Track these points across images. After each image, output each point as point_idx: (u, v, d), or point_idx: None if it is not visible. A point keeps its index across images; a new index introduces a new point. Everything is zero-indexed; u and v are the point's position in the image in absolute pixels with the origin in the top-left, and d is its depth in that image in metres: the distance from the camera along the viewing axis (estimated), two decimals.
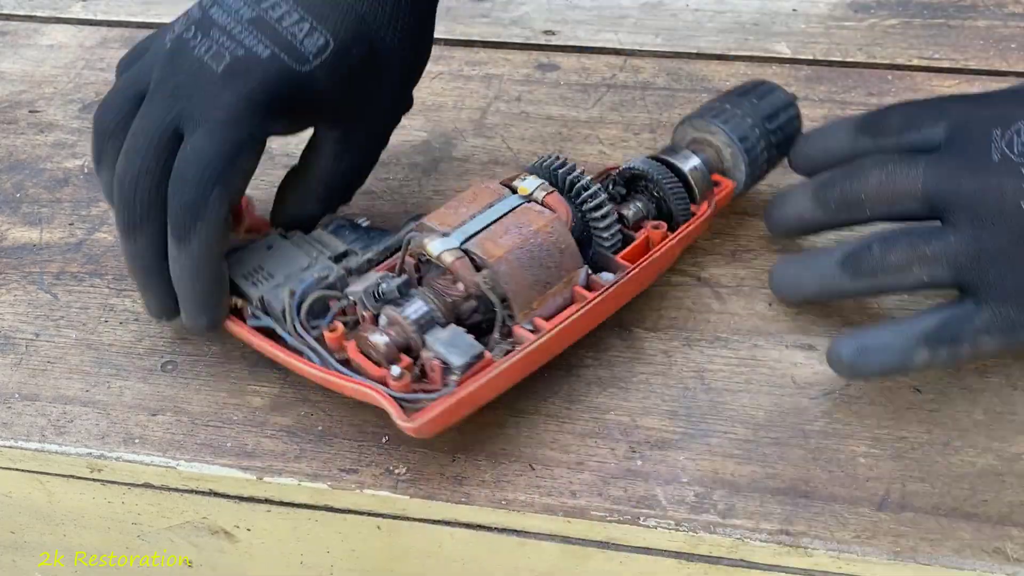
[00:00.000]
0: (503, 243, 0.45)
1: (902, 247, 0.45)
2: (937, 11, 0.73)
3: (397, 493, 0.44)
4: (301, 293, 0.46)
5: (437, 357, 0.43)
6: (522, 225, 0.46)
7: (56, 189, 0.61)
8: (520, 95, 0.67)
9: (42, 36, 0.75)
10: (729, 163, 0.53)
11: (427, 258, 0.46)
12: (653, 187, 0.51)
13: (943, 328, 0.43)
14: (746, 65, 0.69)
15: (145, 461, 0.46)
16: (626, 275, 0.47)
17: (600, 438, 0.46)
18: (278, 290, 0.46)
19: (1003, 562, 0.41)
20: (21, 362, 0.50)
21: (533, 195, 0.47)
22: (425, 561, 0.47)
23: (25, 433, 0.47)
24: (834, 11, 0.74)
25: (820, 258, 0.48)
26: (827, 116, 0.64)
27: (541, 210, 0.47)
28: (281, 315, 0.46)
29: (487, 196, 0.48)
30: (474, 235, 0.45)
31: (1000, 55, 0.69)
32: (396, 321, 0.44)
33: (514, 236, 0.45)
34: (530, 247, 0.45)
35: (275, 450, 0.46)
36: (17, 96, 0.69)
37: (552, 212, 0.47)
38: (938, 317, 0.44)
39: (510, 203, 0.47)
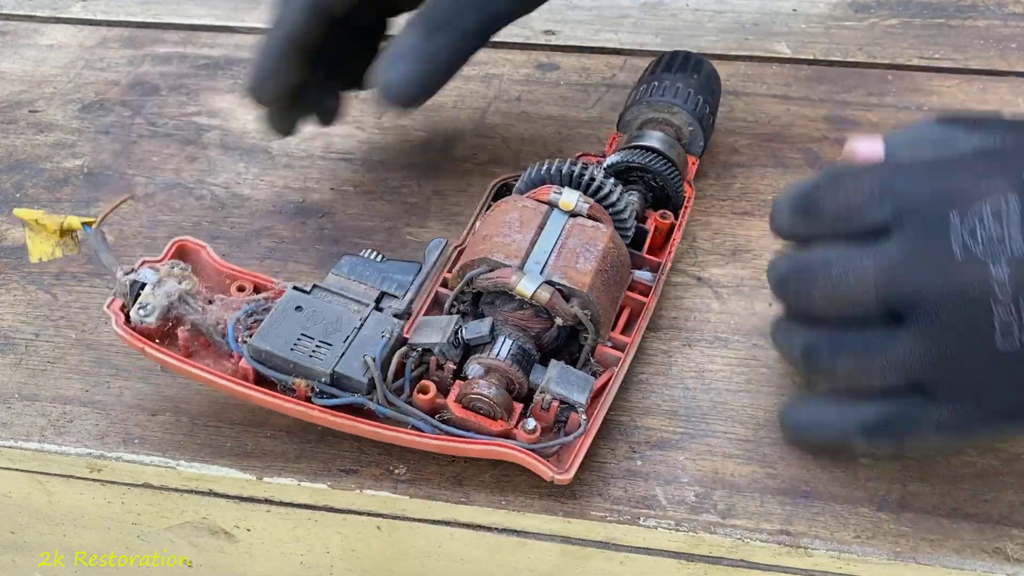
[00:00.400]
0: (583, 268, 0.44)
1: (854, 358, 0.40)
2: (937, 11, 0.73)
3: (397, 493, 0.44)
4: (381, 357, 0.43)
5: (556, 398, 0.43)
6: (588, 245, 0.45)
7: (56, 189, 0.61)
8: (520, 95, 0.67)
9: (42, 36, 0.75)
10: (688, 140, 0.55)
11: (493, 291, 0.44)
12: (651, 177, 0.52)
13: (886, 424, 0.40)
14: (746, 65, 0.69)
15: (145, 461, 0.46)
16: (666, 269, 0.50)
17: (600, 438, 0.45)
18: (349, 360, 0.43)
19: (1003, 562, 0.41)
20: (21, 362, 0.50)
21: (577, 209, 0.47)
22: (425, 561, 0.47)
23: (25, 433, 0.47)
24: (834, 11, 0.74)
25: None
26: (827, 116, 0.64)
27: (596, 225, 0.46)
28: (367, 386, 0.42)
29: (533, 217, 0.46)
30: (546, 263, 0.44)
31: (1000, 55, 0.69)
32: (496, 368, 0.43)
33: (589, 259, 0.45)
34: (607, 268, 0.45)
35: (275, 450, 0.46)
36: (17, 96, 0.69)
37: (604, 225, 0.47)
38: (882, 410, 0.40)
39: (560, 222, 0.46)
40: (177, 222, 0.58)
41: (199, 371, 0.43)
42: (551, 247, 0.45)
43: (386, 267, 0.47)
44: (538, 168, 0.49)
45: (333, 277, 0.46)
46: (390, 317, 0.45)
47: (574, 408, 0.43)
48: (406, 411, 0.43)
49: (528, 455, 0.41)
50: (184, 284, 0.44)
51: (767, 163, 0.60)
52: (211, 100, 0.67)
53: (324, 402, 0.42)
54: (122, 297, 0.44)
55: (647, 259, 0.50)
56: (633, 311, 0.48)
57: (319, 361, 0.42)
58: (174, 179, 0.61)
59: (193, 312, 0.44)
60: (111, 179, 0.61)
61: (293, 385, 0.43)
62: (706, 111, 0.56)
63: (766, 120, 0.64)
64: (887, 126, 0.63)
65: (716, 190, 0.59)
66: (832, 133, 0.62)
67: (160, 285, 0.44)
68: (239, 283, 0.46)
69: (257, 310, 0.44)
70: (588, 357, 0.45)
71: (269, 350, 0.43)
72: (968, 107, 0.64)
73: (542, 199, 0.47)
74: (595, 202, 0.47)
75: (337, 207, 0.59)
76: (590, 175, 0.48)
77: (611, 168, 0.52)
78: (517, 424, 0.42)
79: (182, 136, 0.65)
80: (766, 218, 0.56)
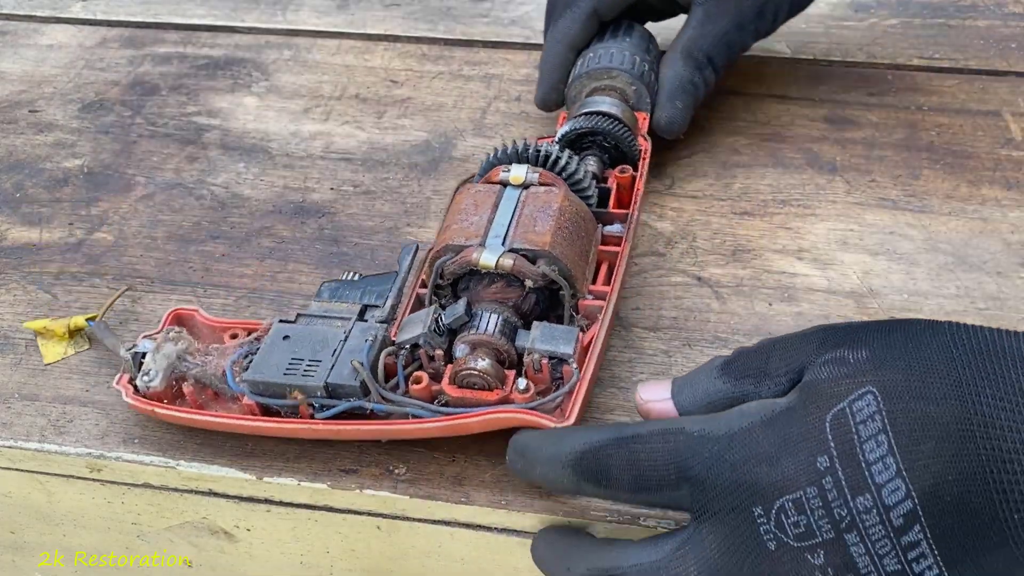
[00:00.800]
0: (542, 229, 0.45)
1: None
2: (937, 11, 0.73)
3: (397, 493, 0.44)
4: (369, 360, 0.44)
5: (544, 355, 0.43)
6: (544, 208, 0.46)
7: (56, 189, 0.61)
8: (520, 95, 0.67)
9: (42, 36, 0.75)
10: (634, 99, 0.58)
11: (465, 274, 0.45)
12: (603, 138, 0.54)
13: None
14: (746, 64, 0.69)
15: (145, 461, 0.46)
16: (634, 220, 0.51)
17: None
18: (339, 369, 0.44)
19: None
20: (21, 362, 0.50)
21: (527, 180, 0.48)
22: (425, 561, 0.47)
23: (25, 433, 0.47)
24: (834, 11, 0.74)
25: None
26: (827, 116, 0.64)
27: (548, 189, 0.48)
28: (359, 389, 0.43)
29: (487, 198, 0.48)
30: (506, 235, 0.46)
31: (1000, 55, 0.69)
32: (481, 343, 0.43)
33: (546, 220, 0.46)
34: (565, 224, 0.46)
35: (275, 450, 0.46)
36: (17, 96, 0.69)
37: (556, 187, 0.48)
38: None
39: (514, 196, 0.48)
40: (177, 222, 0.58)
41: (208, 418, 0.45)
42: (508, 220, 0.46)
43: (364, 283, 0.48)
44: (491, 156, 0.51)
45: (315, 304, 0.48)
46: (374, 324, 0.46)
47: (565, 361, 0.43)
48: (403, 403, 0.43)
49: (528, 413, 0.42)
50: (180, 344, 0.46)
51: (767, 163, 0.60)
52: (211, 100, 0.67)
53: (325, 414, 0.43)
54: (128, 371, 0.46)
55: (615, 213, 0.52)
56: (610, 263, 0.49)
57: (311, 377, 0.43)
58: (174, 179, 0.61)
59: (194, 367, 0.46)
60: (111, 179, 0.61)
61: (292, 397, 0.43)
62: (645, 68, 0.59)
63: (766, 120, 0.64)
64: (887, 126, 0.63)
65: (716, 190, 0.59)
66: (832, 133, 0.62)
67: (159, 351, 0.46)
68: (231, 332, 0.48)
69: (251, 350, 0.46)
70: (571, 313, 0.46)
71: (264, 380, 0.44)
72: (968, 107, 0.64)
73: (493, 180, 0.49)
74: (544, 169, 0.49)
75: (337, 207, 0.59)
76: (542, 150, 0.50)
77: (563, 139, 0.54)
78: (512, 391, 0.43)
79: (182, 136, 0.65)
80: (766, 218, 0.57)
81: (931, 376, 0.35)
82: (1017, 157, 0.60)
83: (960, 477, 0.33)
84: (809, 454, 0.36)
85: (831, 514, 0.35)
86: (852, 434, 0.35)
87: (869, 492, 0.34)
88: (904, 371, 0.35)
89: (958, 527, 0.33)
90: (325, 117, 0.66)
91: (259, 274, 0.55)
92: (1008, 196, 0.57)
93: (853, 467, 0.35)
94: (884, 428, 0.35)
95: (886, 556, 0.34)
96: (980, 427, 0.33)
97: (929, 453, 0.34)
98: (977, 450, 0.33)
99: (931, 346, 0.36)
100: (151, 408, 0.45)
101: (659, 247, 0.55)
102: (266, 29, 0.75)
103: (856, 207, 0.57)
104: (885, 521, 0.34)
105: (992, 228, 0.55)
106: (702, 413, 0.40)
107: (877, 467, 0.34)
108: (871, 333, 0.37)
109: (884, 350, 0.36)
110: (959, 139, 0.62)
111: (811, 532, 0.35)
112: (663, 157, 0.61)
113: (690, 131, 0.60)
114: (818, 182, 0.59)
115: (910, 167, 0.60)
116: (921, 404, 0.34)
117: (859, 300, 0.51)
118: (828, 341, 0.38)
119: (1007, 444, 0.33)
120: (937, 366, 0.35)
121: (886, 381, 0.35)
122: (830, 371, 0.37)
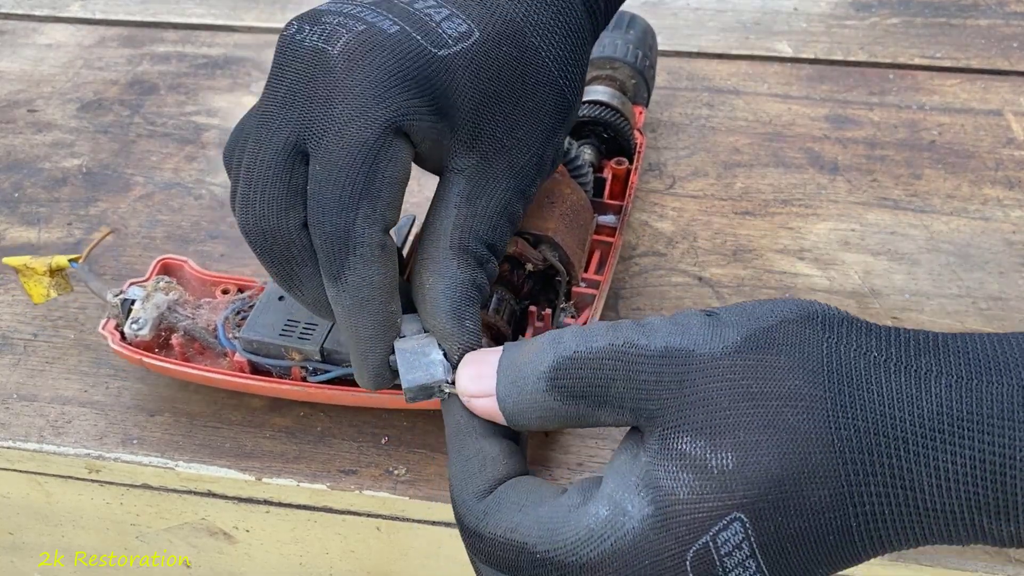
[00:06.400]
0: (546, 215, 0.46)
1: None
2: (939, 10, 0.73)
3: (396, 494, 0.44)
4: None
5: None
6: (547, 195, 0.47)
7: (54, 189, 0.61)
8: None
9: (40, 35, 0.75)
10: (632, 92, 0.58)
11: None
12: (602, 129, 0.54)
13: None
14: (747, 64, 0.68)
15: (144, 462, 0.46)
16: (627, 212, 0.52)
17: (600, 438, 0.45)
18: (336, 335, 0.44)
19: (1004, 563, 0.41)
20: (19, 362, 0.50)
21: None
22: (424, 562, 0.47)
23: (23, 434, 0.47)
24: (835, 10, 0.74)
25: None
26: (828, 115, 0.64)
27: (551, 176, 0.48)
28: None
29: None
30: None
31: (1002, 54, 0.68)
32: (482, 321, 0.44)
33: (550, 207, 0.46)
34: (567, 211, 0.46)
35: (274, 451, 0.46)
36: (15, 95, 0.69)
37: (559, 175, 0.48)
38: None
39: None
40: (176, 222, 0.58)
41: (198, 372, 0.45)
42: None
43: None
44: None
45: None
46: None
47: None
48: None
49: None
50: (171, 295, 0.46)
51: (768, 162, 0.60)
52: (210, 99, 0.67)
53: (319, 378, 0.44)
54: (115, 318, 0.46)
55: (609, 204, 0.52)
56: (603, 253, 0.50)
57: (308, 340, 0.44)
58: (173, 178, 0.61)
59: (183, 319, 0.46)
60: (110, 178, 0.61)
61: (290, 358, 0.44)
62: (646, 64, 0.59)
63: (767, 119, 0.64)
64: (889, 125, 0.62)
65: (717, 190, 0.58)
66: (833, 132, 0.62)
67: (149, 299, 0.45)
68: (223, 287, 0.48)
69: (243, 307, 0.46)
70: (565, 299, 0.46)
71: (259, 339, 0.44)
72: (970, 106, 0.64)
73: None
74: None
75: None
76: None
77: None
78: None
79: (181, 135, 0.64)
80: (768, 218, 0.56)
81: (809, 482, 0.30)
82: (1019, 157, 0.60)
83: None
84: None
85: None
86: (716, 567, 0.31)
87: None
88: (777, 482, 0.31)
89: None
90: None
91: (257, 274, 0.54)
92: (1010, 196, 0.57)
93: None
94: (752, 553, 0.31)
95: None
96: (863, 536, 0.31)
97: (800, 570, 0.31)
98: (860, 558, 0.31)
99: (811, 435, 0.31)
100: (139, 358, 0.45)
101: (660, 247, 0.55)
102: (265, 28, 0.75)
103: (858, 207, 0.57)
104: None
105: (994, 228, 0.55)
106: (534, 427, 0.35)
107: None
108: (735, 401, 0.31)
109: (754, 452, 0.31)
110: (961, 139, 0.61)
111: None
112: (664, 156, 0.61)
113: (691, 131, 0.60)
114: (819, 182, 0.59)
115: (912, 167, 0.60)
116: (796, 520, 0.31)
117: (860, 300, 0.51)
118: (685, 383, 0.32)
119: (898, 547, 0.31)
120: (817, 467, 0.30)
121: (756, 500, 0.31)
122: (690, 487, 0.31)
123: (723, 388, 0.32)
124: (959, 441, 0.30)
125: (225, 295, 0.47)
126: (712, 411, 0.32)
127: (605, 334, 0.34)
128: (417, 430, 0.46)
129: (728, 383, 0.32)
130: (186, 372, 0.45)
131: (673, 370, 0.33)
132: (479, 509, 0.35)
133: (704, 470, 0.31)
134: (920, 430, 0.30)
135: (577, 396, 0.34)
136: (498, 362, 0.35)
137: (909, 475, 0.30)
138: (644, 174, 0.59)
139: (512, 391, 0.35)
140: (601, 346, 0.34)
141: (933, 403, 0.30)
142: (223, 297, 0.47)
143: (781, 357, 0.32)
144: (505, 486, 0.35)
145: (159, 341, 0.46)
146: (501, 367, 0.35)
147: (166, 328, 0.46)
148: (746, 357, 0.32)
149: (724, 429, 0.31)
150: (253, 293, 0.47)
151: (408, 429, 0.46)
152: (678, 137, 0.62)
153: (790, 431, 0.31)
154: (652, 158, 0.61)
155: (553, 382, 0.34)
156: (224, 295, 0.47)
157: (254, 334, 0.44)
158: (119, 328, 0.46)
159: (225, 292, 0.48)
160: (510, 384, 0.35)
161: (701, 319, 0.34)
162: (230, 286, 0.48)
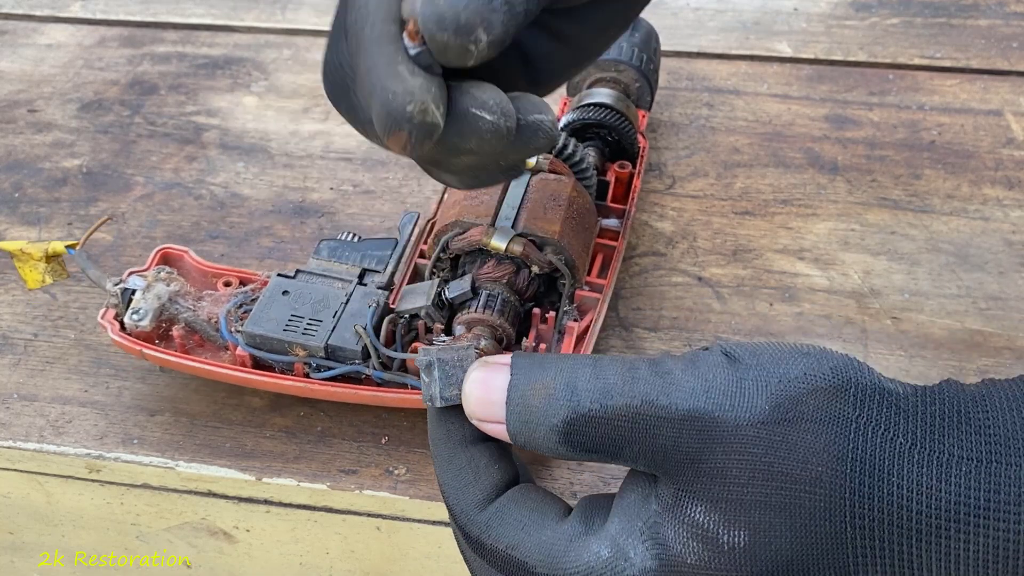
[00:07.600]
0: (552, 218, 0.46)
1: None
2: (939, 10, 0.73)
3: (396, 494, 0.44)
4: (371, 327, 0.44)
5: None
6: (554, 197, 0.47)
7: (54, 189, 0.61)
8: None
9: (41, 35, 0.75)
10: (636, 95, 0.58)
11: (469, 251, 0.46)
12: (606, 132, 0.54)
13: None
14: (747, 64, 0.68)
15: (144, 462, 0.46)
16: (630, 216, 0.52)
17: None
18: (340, 332, 0.44)
19: None
20: (19, 362, 0.50)
21: (538, 166, 0.48)
22: (424, 562, 0.47)
23: (23, 433, 0.47)
24: (835, 10, 0.74)
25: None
26: (828, 115, 0.64)
27: (558, 178, 0.48)
28: (361, 354, 0.43)
29: None
30: (516, 218, 0.46)
31: (1002, 54, 0.68)
32: (483, 321, 0.44)
33: (556, 209, 0.46)
34: (573, 215, 0.46)
35: (274, 451, 0.46)
36: (15, 95, 0.69)
37: (566, 177, 0.48)
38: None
39: (523, 179, 0.48)
40: (176, 222, 0.58)
41: (198, 364, 0.44)
42: (518, 203, 0.47)
43: (364, 246, 0.48)
44: None
45: (314, 261, 0.48)
46: (374, 289, 0.46)
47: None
48: (403, 373, 0.43)
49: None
50: (172, 286, 0.46)
51: (768, 162, 0.60)
52: (210, 99, 0.67)
53: (322, 375, 0.44)
54: (114, 307, 0.46)
55: (612, 208, 0.52)
56: (605, 256, 0.50)
57: (312, 337, 0.44)
58: (173, 179, 0.61)
59: (185, 311, 0.45)
60: (110, 179, 0.61)
61: (295, 353, 0.44)
62: (651, 67, 0.58)
63: (767, 119, 0.64)
64: (888, 125, 0.62)
65: (717, 190, 0.58)
66: (833, 132, 0.62)
67: (149, 290, 0.45)
68: (225, 279, 0.47)
69: (246, 301, 0.46)
70: (568, 301, 0.46)
71: (263, 333, 0.44)
72: (969, 106, 0.64)
73: None
74: (554, 157, 0.49)
75: (337, 207, 0.59)
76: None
77: (567, 127, 0.54)
78: None
79: (181, 135, 0.64)
80: (767, 218, 0.56)
81: (816, 568, 0.30)
82: (1019, 157, 0.60)
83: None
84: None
85: None
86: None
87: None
88: (785, 566, 0.30)
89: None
90: (325, 117, 0.65)
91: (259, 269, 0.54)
92: (1010, 196, 0.57)
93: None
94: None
95: None
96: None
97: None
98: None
99: (826, 523, 0.30)
100: (139, 349, 0.44)
101: (660, 247, 0.55)
102: (265, 28, 0.75)
103: (857, 207, 0.57)
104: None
105: (994, 228, 0.55)
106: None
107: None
108: (755, 478, 0.31)
109: (767, 533, 0.31)
110: (960, 139, 0.61)
111: None
112: (664, 156, 0.61)
113: (690, 131, 0.60)
114: (819, 182, 0.59)
115: (911, 167, 0.60)
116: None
117: (860, 300, 0.51)
118: (705, 451, 0.31)
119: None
120: (826, 554, 0.30)
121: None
122: (698, 556, 0.31)
123: (744, 463, 0.31)
124: (973, 529, 0.29)
125: (227, 288, 0.47)
126: (730, 485, 0.31)
127: (622, 388, 0.33)
128: (417, 430, 0.46)
129: (750, 458, 0.31)
130: (187, 365, 0.44)
131: (694, 437, 0.31)
132: (481, 521, 0.35)
133: (715, 544, 0.31)
134: (936, 520, 0.30)
135: (590, 451, 0.33)
136: (507, 390, 0.34)
137: (918, 561, 0.30)
138: (644, 174, 0.59)
139: (523, 430, 0.34)
140: (618, 405, 0.32)
141: (952, 493, 0.30)
142: (225, 290, 0.47)
143: (808, 436, 0.31)
144: (507, 498, 0.35)
145: (158, 332, 0.45)
146: (511, 400, 0.34)
147: (166, 319, 0.45)
148: (772, 430, 0.31)
149: (740, 506, 0.31)
150: (256, 287, 0.47)
151: (408, 429, 0.46)
152: (678, 137, 0.62)
153: (806, 518, 0.30)
154: (652, 158, 0.61)
155: (567, 437, 0.33)
156: (226, 288, 0.47)
157: (258, 328, 0.44)
158: (118, 318, 0.45)
159: (227, 285, 0.47)
160: (521, 424, 0.34)
161: (725, 373, 0.32)
162: (232, 279, 0.47)
